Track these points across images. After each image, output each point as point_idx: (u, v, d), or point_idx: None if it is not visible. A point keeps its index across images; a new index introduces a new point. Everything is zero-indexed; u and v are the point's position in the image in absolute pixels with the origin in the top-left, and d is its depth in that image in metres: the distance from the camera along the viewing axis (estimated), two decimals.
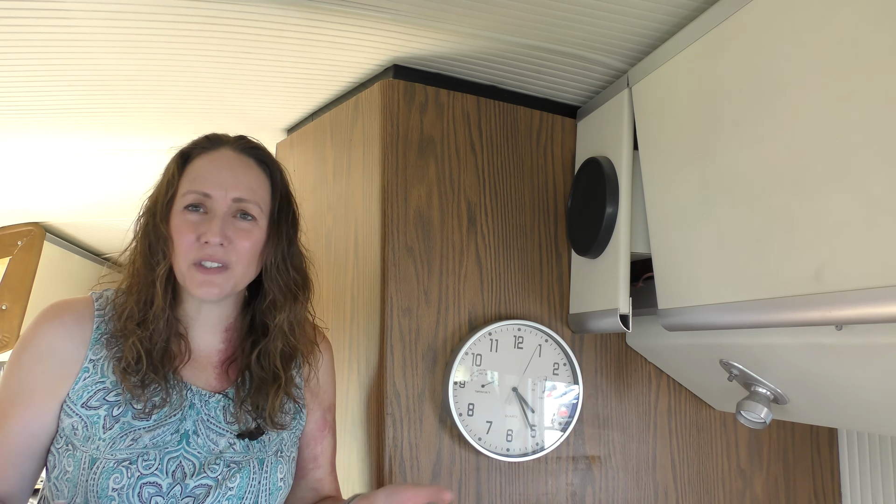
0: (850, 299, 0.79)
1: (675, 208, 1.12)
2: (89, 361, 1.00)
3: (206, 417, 1.02)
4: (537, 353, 1.34)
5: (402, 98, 1.34)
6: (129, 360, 0.98)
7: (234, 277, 1.01)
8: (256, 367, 1.06)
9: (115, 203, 2.38)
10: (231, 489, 1.00)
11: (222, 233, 0.98)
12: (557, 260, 1.41)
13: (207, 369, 1.07)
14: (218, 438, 1.02)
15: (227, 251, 1.00)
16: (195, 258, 0.99)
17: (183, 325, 1.06)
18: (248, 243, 1.01)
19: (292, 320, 1.08)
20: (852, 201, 0.79)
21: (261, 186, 1.05)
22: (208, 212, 1.01)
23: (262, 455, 1.05)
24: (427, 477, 1.28)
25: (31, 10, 1.10)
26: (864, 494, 1.46)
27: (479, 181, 1.38)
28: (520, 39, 1.24)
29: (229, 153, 1.05)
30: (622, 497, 1.40)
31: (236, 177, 1.02)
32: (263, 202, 1.05)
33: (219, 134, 1.08)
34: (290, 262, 1.07)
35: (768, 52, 0.91)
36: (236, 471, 1.01)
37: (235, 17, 1.16)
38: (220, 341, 1.09)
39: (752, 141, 0.94)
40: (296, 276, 1.08)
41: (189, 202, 1.01)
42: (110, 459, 0.95)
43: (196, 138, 1.08)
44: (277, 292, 1.06)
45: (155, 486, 0.96)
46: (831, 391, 1.04)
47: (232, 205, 1.01)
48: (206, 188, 1.01)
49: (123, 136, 1.77)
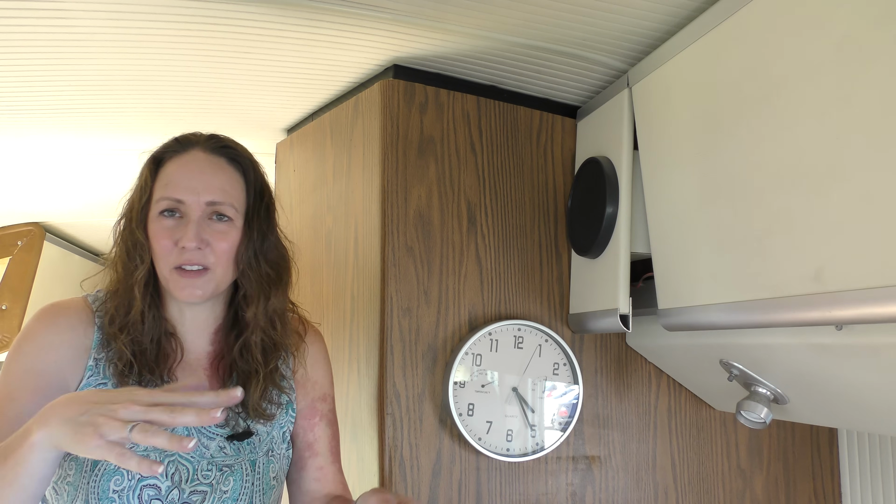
0: (850, 299, 0.79)
1: (675, 208, 1.12)
2: (93, 360, 1.00)
3: None
4: (537, 353, 1.34)
5: (402, 98, 1.34)
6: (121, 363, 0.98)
7: (215, 279, 1.01)
8: (241, 361, 1.06)
9: (115, 203, 2.37)
10: (225, 492, 1.01)
11: (198, 237, 0.98)
12: (557, 260, 1.41)
13: (199, 371, 1.07)
14: (209, 442, 1.02)
15: (204, 254, 0.99)
16: (175, 263, 0.99)
17: (171, 324, 1.06)
18: (225, 245, 1.01)
19: (270, 313, 1.07)
20: (852, 201, 0.79)
21: (234, 186, 1.04)
22: (183, 216, 1.00)
23: (254, 456, 1.05)
24: (427, 477, 1.28)
25: (31, 10, 1.10)
26: (864, 494, 1.46)
27: (479, 181, 1.38)
28: (520, 39, 1.24)
29: (200, 155, 1.04)
30: (622, 497, 1.40)
31: (208, 180, 1.02)
32: (238, 202, 1.04)
33: (188, 135, 1.07)
34: (263, 256, 1.05)
35: (768, 52, 0.91)
36: (229, 474, 1.02)
37: (235, 17, 1.16)
38: (209, 343, 1.09)
39: (752, 141, 0.94)
40: (268, 270, 1.06)
41: (163, 207, 1.00)
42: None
43: (167, 140, 1.07)
44: (249, 286, 1.05)
45: (154, 488, 0.96)
46: (831, 391, 1.04)
47: (206, 208, 1.01)
48: (179, 194, 1.00)
49: (123, 136, 1.77)
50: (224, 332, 1.10)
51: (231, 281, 1.06)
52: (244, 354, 1.06)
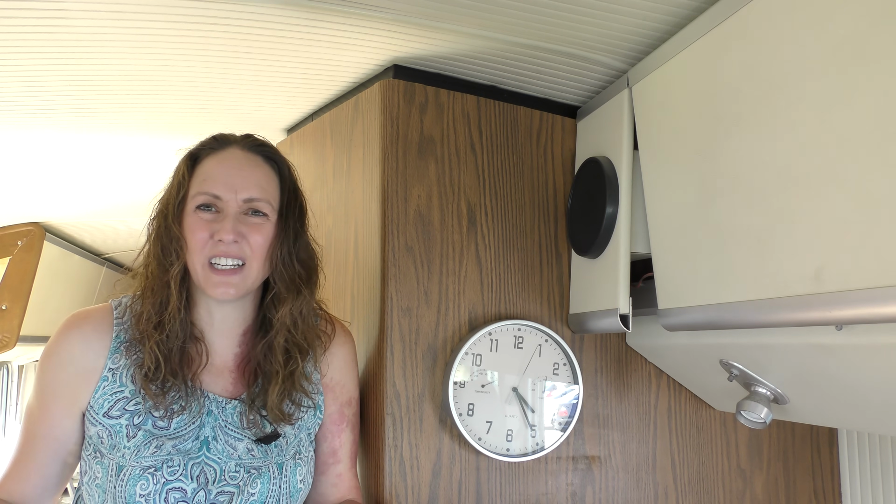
0: (850, 299, 0.79)
1: (675, 208, 1.12)
2: (108, 370, 1.00)
3: (224, 423, 1.03)
4: (537, 353, 1.34)
5: (402, 98, 1.34)
6: (148, 365, 0.98)
7: (250, 275, 1.02)
8: (265, 363, 1.06)
9: (115, 203, 2.38)
10: (253, 494, 1.01)
11: (235, 230, 0.99)
12: (557, 260, 1.41)
13: (224, 374, 1.07)
14: (236, 444, 1.02)
15: (241, 247, 1.00)
16: (209, 255, 0.99)
17: (199, 329, 1.06)
18: (260, 238, 1.02)
19: (295, 314, 1.08)
20: (852, 201, 0.79)
21: (269, 184, 1.05)
22: (220, 211, 1.01)
23: (281, 459, 1.05)
24: (427, 477, 1.28)
25: (31, 10, 1.10)
26: (864, 494, 1.46)
27: (479, 181, 1.38)
28: (520, 39, 1.24)
29: (237, 152, 1.05)
30: (622, 497, 1.40)
31: (245, 177, 1.03)
32: (273, 198, 1.05)
33: (226, 134, 1.09)
34: (295, 256, 1.07)
35: (768, 51, 0.91)
36: (256, 476, 1.02)
37: (235, 17, 1.16)
38: (236, 345, 1.09)
39: (752, 141, 0.94)
40: (300, 270, 1.08)
41: (200, 202, 1.01)
42: (136, 466, 0.96)
43: (204, 139, 1.08)
44: (282, 286, 1.06)
45: (180, 490, 0.97)
46: (831, 391, 1.04)
47: (243, 205, 1.02)
48: (216, 190, 1.01)
49: (123, 136, 1.77)
50: (252, 333, 1.10)
51: (263, 279, 1.06)
52: (267, 356, 1.06)
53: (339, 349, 1.19)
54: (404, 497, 1.25)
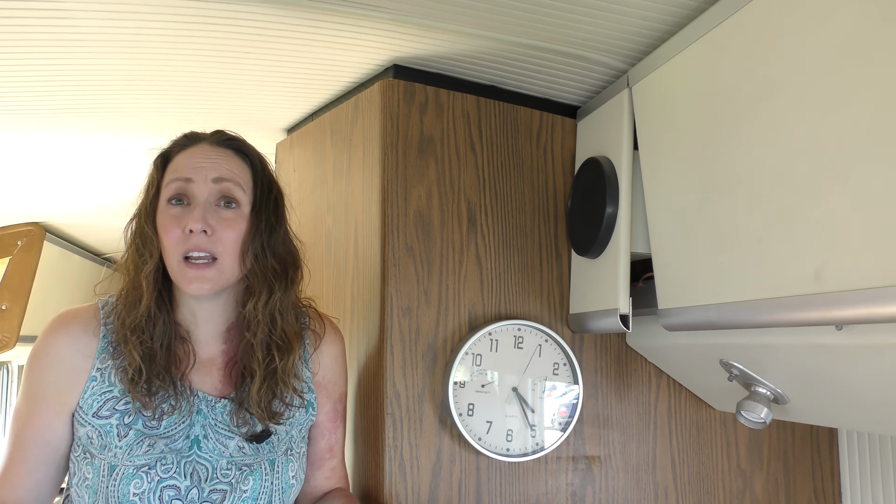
0: (850, 299, 0.79)
1: (675, 208, 1.12)
2: (96, 370, 1.00)
3: (214, 422, 1.02)
4: (537, 353, 1.34)
5: (402, 98, 1.34)
6: (131, 368, 0.98)
7: (224, 270, 1.01)
8: (248, 361, 1.06)
9: (114, 203, 2.38)
10: (245, 492, 1.01)
11: (204, 220, 0.98)
12: (557, 260, 1.41)
13: (213, 372, 1.07)
14: (227, 441, 1.02)
15: (212, 241, 0.99)
16: (183, 251, 0.98)
17: (184, 329, 1.06)
18: (233, 233, 1.00)
19: (273, 311, 1.05)
20: (852, 201, 0.79)
21: (241, 173, 1.05)
22: (191, 202, 1.00)
23: (273, 456, 1.05)
24: (427, 477, 1.28)
25: (31, 10, 1.10)
26: (864, 494, 1.46)
27: (479, 181, 1.38)
28: (520, 39, 1.24)
29: (206, 147, 1.05)
30: (622, 497, 1.40)
31: (215, 161, 1.02)
32: (245, 184, 1.04)
33: (196, 131, 1.09)
34: (270, 251, 1.04)
35: (768, 52, 0.91)
36: (248, 473, 1.02)
37: (235, 17, 1.16)
38: (222, 342, 1.08)
39: (752, 141, 0.94)
40: (275, 265, 1.05)
41: (171, 193, 1.00)
42: (129, 465, 0.95)
43: (175, 138, 1.09)
44: (254, 280, 1.04)
45: (174, 488, 0.96)
46: (831, 391, 1.04)
47: (213, 188, 1.00)
48: (186, 173, 1.00)
49: (123, 136, 1.77)
50: (237, 330, 1.09)
51: (240, 275, 1.05)
52: (249, 353, 1.06)
53: (330, 347, 1.18)
54: (404, 497, 1.25)
